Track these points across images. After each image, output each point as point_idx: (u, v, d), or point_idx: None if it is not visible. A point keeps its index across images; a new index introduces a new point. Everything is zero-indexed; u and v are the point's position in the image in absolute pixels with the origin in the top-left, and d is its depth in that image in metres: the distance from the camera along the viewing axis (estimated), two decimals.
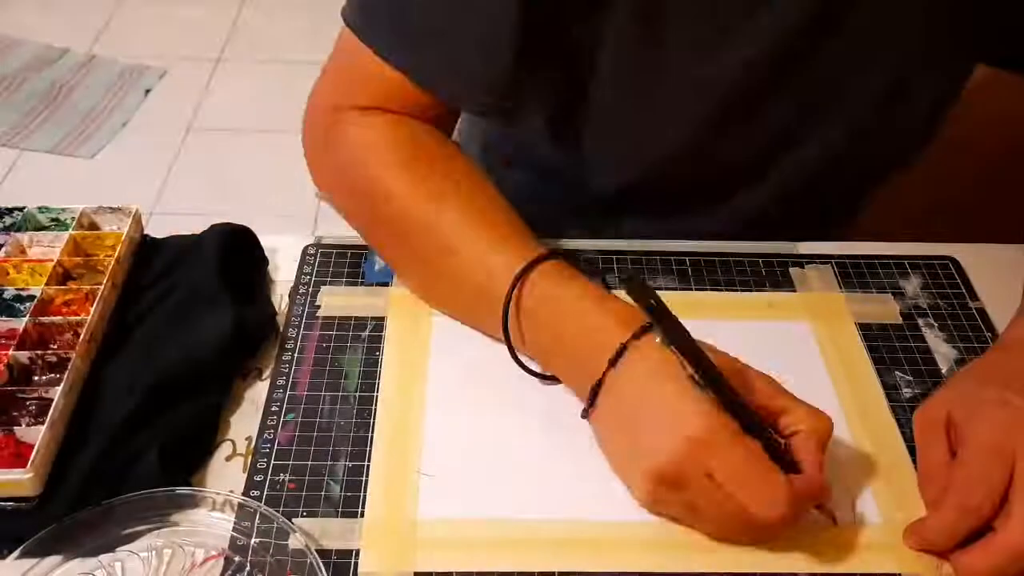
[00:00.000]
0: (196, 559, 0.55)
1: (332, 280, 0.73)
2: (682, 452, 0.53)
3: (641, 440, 0.55)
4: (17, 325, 0.63)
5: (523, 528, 0.57)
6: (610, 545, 0.57)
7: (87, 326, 0.63)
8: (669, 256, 0.76)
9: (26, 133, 2.24)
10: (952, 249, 0.78)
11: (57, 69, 2.45)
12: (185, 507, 0.57)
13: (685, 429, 0.53)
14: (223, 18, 2.69)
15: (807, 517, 0.56)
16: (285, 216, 2.00)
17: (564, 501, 0.59)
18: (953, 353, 0.70)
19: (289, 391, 0.65)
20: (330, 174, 0.73)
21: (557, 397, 0.64)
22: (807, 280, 0.75)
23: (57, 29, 2.59)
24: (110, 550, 0.55)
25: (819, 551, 0.57)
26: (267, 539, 0.55)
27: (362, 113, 0.70)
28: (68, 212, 0.73)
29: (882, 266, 0.76)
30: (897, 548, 0.57)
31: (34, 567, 0.54)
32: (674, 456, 0.53)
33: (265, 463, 0.60)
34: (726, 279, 0.75)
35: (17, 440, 0.57)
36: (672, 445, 0.53)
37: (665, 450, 0.53)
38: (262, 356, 0.67)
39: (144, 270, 0.71)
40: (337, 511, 0.58)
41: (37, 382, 0.62)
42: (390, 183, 0.68)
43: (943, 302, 0.74)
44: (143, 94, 2.40)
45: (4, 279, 0.68)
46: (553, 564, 0.56)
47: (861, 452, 0.62)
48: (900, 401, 0.66)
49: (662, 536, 0.57)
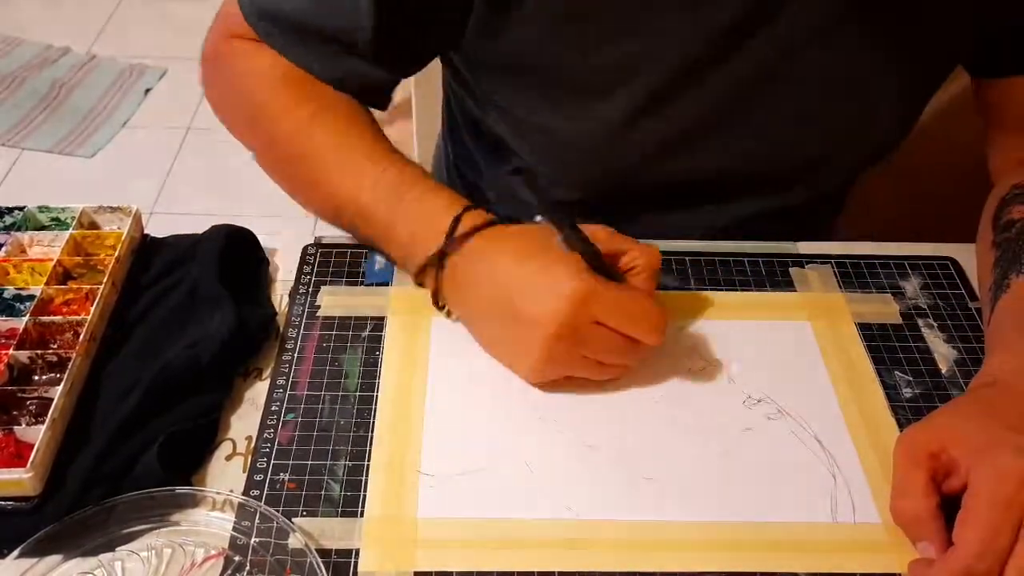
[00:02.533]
0: (196, 559, 0.55)
1: (332, 280, 0.73)
2: (571, 308, 0.59)
3: (528, 311, 0.61)
4: (17, 324, 0.63)
5: (523, 528, 0.57)
6: (610, 545, 0.57)
7: (87, 326, 0.63)
8: (669, 256, 0.76)
9: (26, 132, 2.24)
10: (952, 249, 0.78)
11: (57, 69, 2.45)
12: (185, 507, 0.57)
13: (567, 289, 0.59)
14: None
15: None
16: (285, 216, 1.99)
17: (564, 501, 0.59)
18: (953, 353, 0.70)
19: (289, 391, 0.65)
20: (224, 94, 0.79)
21: (557, 397, 0.65)
22: (807, 280, 0.75)
23: (57, 29, 2.59)
24: (110, 550, 0.55)
25: (819, 551, 0.57)
26: (267, 539, 0.55)
27: (252, 43, 0.74)
28: (68, 212, 0.73)
29: (882, 266, 0.76)
30: (897, 548, 0.57)
31: (34, 567, 0.54)
32: (565, 314, 0.59)
33: (265, 463, 0.60)
34: (726, 279, 0.75)
35: (17, 440, 0.57)
36: (561, 305, 0.59)
37: (555, 311, 0.60)
38: (262, 356, 0.67)
39: (144, 270, 0.71)
40: (337, 511, 0.58)
41: (37, 382, 0.62)
42: (271, 104, 0.73)
43: (943, 302, 0.74)
44: (143, 94, 2.40)
45: (4, 279, 0.68)
46: (553, 564, 0.56)
47: (861, 452, 0.62)
48: (900, 401, 0.66)
49: (662, 536, 0.57)
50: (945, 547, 0.54)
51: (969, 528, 0.53)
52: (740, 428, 0.63)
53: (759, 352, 0.69)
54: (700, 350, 0.69)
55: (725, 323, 0.71)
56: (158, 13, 2.69)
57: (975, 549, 0.51)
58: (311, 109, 0.72)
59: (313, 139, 0.71)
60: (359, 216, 0.69)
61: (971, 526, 0.53)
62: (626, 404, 0.65)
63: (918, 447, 0.57)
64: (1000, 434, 0.56)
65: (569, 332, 0.60)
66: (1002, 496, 0.52)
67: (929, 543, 0.55)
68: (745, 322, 0.71)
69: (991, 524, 0.52)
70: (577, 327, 0.60)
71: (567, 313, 0.59)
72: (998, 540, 0.51)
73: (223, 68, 0.77)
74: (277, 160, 0.75)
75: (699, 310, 0.72)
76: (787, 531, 0.58)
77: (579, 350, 0.61)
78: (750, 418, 0.64)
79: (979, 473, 0.54)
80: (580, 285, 0.59)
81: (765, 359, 0.68)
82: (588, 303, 0.59)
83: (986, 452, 0.55)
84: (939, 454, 0.56)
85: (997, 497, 0.53)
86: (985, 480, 0.53)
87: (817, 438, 0.63)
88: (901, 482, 0.57)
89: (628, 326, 0.61)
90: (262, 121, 0.74)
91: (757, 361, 0.68)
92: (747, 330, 0.71)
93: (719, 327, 0.71)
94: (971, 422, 0.58)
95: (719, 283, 0.75)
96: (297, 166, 0.73)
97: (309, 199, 0.74)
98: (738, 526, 0.58)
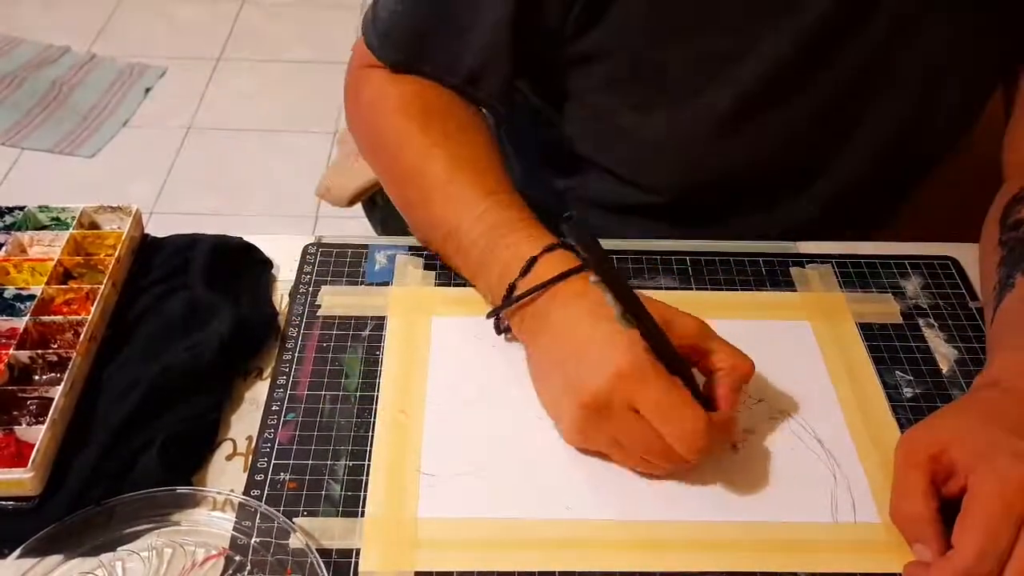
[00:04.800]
0: (197, 558, 0.55)
1: (332, 280, 0.73)
2: (609, 385, 0.56)
3: (572, 374, 0.59)
4: (18, 324, 0.63)
5: (523, 528, 0.57)
6: (610, 545, 0.57)
7: (87, 325, 0.63)
8: (669, 256, 0.76)
9: (26, 132, 2.24)
10: (952, 249, 0.78)
11: (57, 68, 2.45)
12: (186, 506, 0.57)
13: (613, 365, 0.56)
14: (223, 18, 2.69)
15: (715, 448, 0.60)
16: (285, 216, 2.00)
17: (564, 501, 0.59)
18: (953, 353, 0.70)
19: (289, 391, 0.65)
20: (353, 121, 0.82)
21: None
22: (807, 280, 0.75)
23: (57, 28, 2.59)
24: (110, 549, 0.55)
25: (819, 551, 0.57)
26: (267, 538, 0.55)
27: (382, 70, 0.78)
28: (68, 211, 0.73)
29: (882, 266, 0.76)
30: (897, 548, 0.57)
31: (34, 567, 0.54)
32: (602, 389, 0.56)
33: (265, 462, 0.60)
34: (726, 279, 0.75)
35: (17, 439, 0.57)
36: (601, 379, 0.56)
37: (594, 383, 0.57)
38: (262, 356, 0.67)
39: (144, 269, 0.71)
40: (337, 510, 0.58)
41: (38, 381, 0.62)
42: (390, 132, 0.75)
43: (943, 302, 0.74)
44: (143, 93, 2.40)
45: (4, 278, 0.68)
46: (553, 564, 0.56)
47: (861, 452, 0.62)
48: (900, 401, 0.66)
49: (662, 536, 0.57)
50: (943, 550, 0.54)
51: (968, 532, 0.52)
52: (740, 428, 0.63)
53: (759, 352, 0.68)
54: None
55: (725, 323, 0.71)
56: (158, 13, 2.69)
57: (974, 552, 0.51)
58: (430, 139, 0.73)
59: (426, 172, 0.72)
60: (458, 254, 0.70)
61: (970, 530, 0.52)
62: None
63: (918, 449, 0.57)
64: (1000, 437, 0.56)
65: (600, 406, 0.57)
66: (1001, 500, 0.52)
67: (926, 545, 0.55)
68: (745, 322, 0.71)
69: (990, 528, 0.52)
70: (610, 404, 0.57)
71: (602, 387, 0.56)
72: (997, 544, 0.51)
73: (352, 97, 0.81)
74: (394, 184, 0.77)
75: (699, 310, 0.72)
76: (787, 531, 0.58)
77: (609, 429, 0.58)
78: (750, 418, 0.64)
79: (978, 477, 0.54)
80: (626, 362, 0.56)
81: (765, 359, 0.68)
82: (628, 383, 0.56)
83: (986, 455, 0.55)
84: (939, 456, 0.56)
85: (996, 501, 0.52)
86: (984, 484, 0.53)
87: (817, 438, 0.63)
88: (901, 484, 0.57)
89: (661, 423, 0.56)
90: (382, 149, 0.77)
91: (757, 361, 0.68)
92: (747, 330, 0.70)
93: (719, 327, 0.70)
94: (972, 424, 0.58)
95: (719, 283, 0.75)
96: (409, 193, 0.74)
97: (417, 226, 0.75)
98: (738, 526, 0.58)
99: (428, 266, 0.75)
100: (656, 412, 0.56)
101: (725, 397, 0.60)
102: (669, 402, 0.56)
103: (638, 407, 0.56)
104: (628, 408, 0.56)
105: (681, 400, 0.56)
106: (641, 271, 0.75)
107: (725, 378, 0.60)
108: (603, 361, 0.57)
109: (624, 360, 0.56)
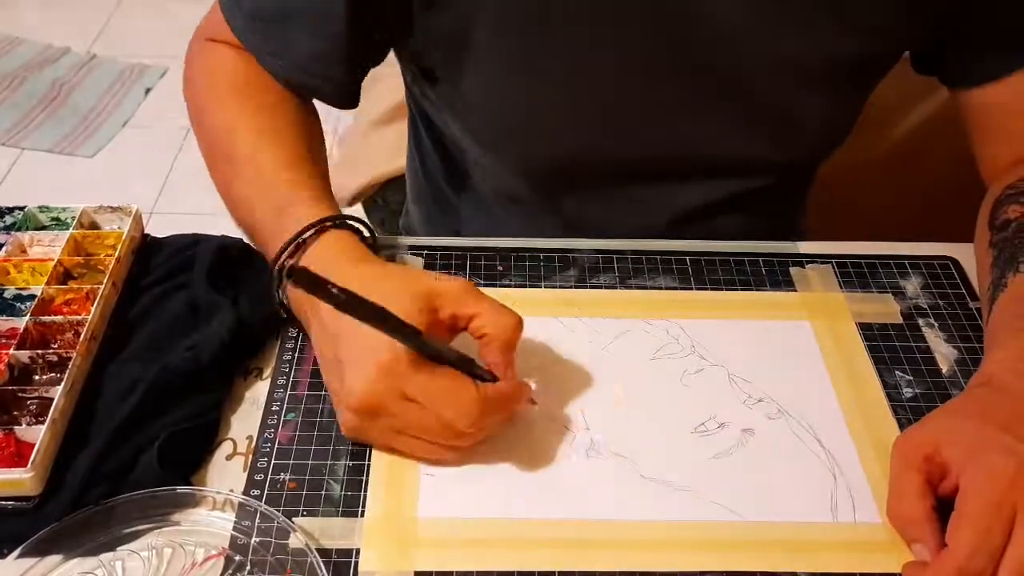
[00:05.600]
0: (196, 558, 0.55)
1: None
2: (374, 385, 0.56)
3: (339, 376, 0.59)
4: (18, 324, 0.63)
5: (523, 528, 0.57)
6: (610, 545, 0.57)
7: (88, 325, 0.63)
8: (669, 256, 0.76)
9: (27, 132, 2.24)
10: (952, 249, 0.78)
11: (58, 68, 2.45)
12: (185, 506, 0.57)
13: (373, 364, 0.56)
14: None
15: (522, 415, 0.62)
16: None
17: (563, 501, 0.59)
18: (953, 353, 0.70)
19: (289, 390, 0.65)
20: (186, 93, 0.80)
21: (557, 397, 0.65)
22: (807, 280, 0.75)
23: (58, 28, 2.59)
24: (110, 549, 0.55)
25: (819, 551, 0.57)
26: (267, 538, 0.55)
27: (223, 46, 0.77)
28: (68, 211, 0.73)
29: (882, 266, 0.76)
30: (897, 548, 0.57)
31: (34, 567, 0.54)
32: (367, 391, 0.57)
33: (265, 462, 0.60)
34: (726, 279, 0.75)
35: (17, 439, 0.57)
36: (366, 381, 0.57)
37: (359, 386, 0.57)
38: (262, 356, 0.67)
39: (145, 269, 0.71)
40: (337, 510, 0.58)
41: (38, 381, 0.62)
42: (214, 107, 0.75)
43: (943, 302, 0.74)
44: (143, 93, 2.40)
45: (5, 278, 0.68)
46: (553, 564, 0.56)
47: (861, 452, 0.62)
48: (900, 401, 0.66)
49: (662, 536, 0.57)
50: (940, 549, 0.54)
51: (961, 529, 0.53)
52: (740, 428, 0.63)
53: (759, 352, 0.69)
54: (700, 350, 0.69)
55: (725, 323, 0.71)
56: (158, 13, 2.69)
57: (967, 550, 0.52)
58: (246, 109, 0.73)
59: (236, 143, 0.71)
60: (255, 233, 0.70)
61: (963, 527, 0.53)
62: (626, 404, 0.65)
63: (913, 450, 0.57)
64: (991, 434, 0.56)
65: (372, 407, 0.57)
66: (993, 496, 0.53)
67: (924, 545, 0.55)
68: (745, 322, 0.71)
69: (982, 524, 0.52)
70: (381, 402, 0.57)
71: (367, 388, 0.57)
72: (990, 540, 0.52)
73: (188, 68, 0.80)
74: (207, 156, 0.76)
75: (699, 310, 0.72)
76: (787, 531, 0.58)
77: (386, 423, 0.58)
78: (750, 418, 0.64)
79: (970, 474, 0.54)
80: (386, 357, 0.56)
81: (765, 359, 0.68)
82: (393, 377, 0.56)
83: (977, 452, 0.55)
84: (933, 456, 0.56)
85: (988, 497, 0.53)
86: (976, 481, 0.54)
87: (817, 438, 0.63)
88: (896, 485, 0.58)
89: (433, 405, 0.57)
90: (203, 117, 0.76)
91: (757, 361, 0.68)
92: (747, 330, 0.71)
93: (719, 327, 0.71)
94: (965, 423, 0.58)
95: (719, 283, 0.75)
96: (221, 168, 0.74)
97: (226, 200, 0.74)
98: (738, 526, 0.58)
99: (428, 266, 0.75)
100: (426, 396, 0.56)
101: (496, 365, 0.60)
102: (437, 385, 0.57)
103: (409, 395, 0.57)
104: (401, 399, 0.57)
105: (448, 379, 0.57)
106: (641, 271, 0.75)
107: (491, 343, 0.60)
108: (364, 361, 0.57)
109: (384, 356, 0.56)
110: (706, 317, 0.71)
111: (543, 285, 0.74)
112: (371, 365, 0.56)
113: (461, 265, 0.75)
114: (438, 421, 0.57)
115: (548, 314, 0.71)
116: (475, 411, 0.57)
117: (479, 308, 0.60)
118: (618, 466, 0.61)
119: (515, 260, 0.76)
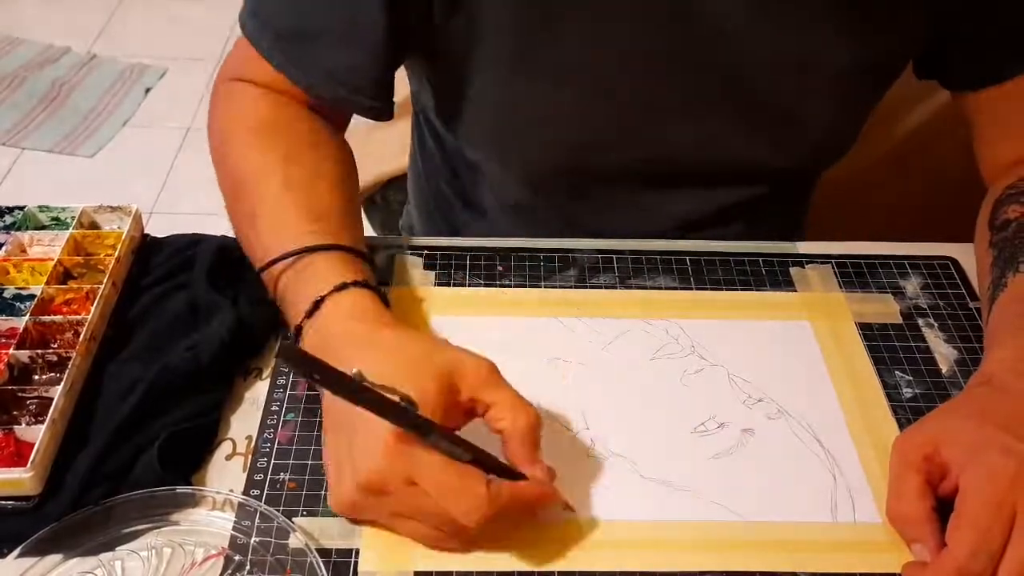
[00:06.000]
0: (196, 558, 0.55)
1: None
2: (381, 464, 0.52)
3: (347, 448, 0.54)
4: (17, 324, 0.63)
5: (522, 528, 0.57)
6: (610, 545, 0.57)
7: (87, 325, 0.63)
8: (669, 256, 0.76)
9: (27, 132, 2.24)
10: (952, 249, 0.78)
11: (58, 68, 2.45)
12: (185, 506, 0.57)
13: (382, 441, 0.52)
14: (223, 18, 2.68)
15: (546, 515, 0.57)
16: None
17: (563, 500, 0.59)
18: (953, 353, 0.70)
19: (289, 390, 0.65)
20: (209, 134, 0.77)
21: (554, 400, 0.65)
22: (807, 280, 0.75)
23: (58, 28, 2.59)
24: (110, 549, 0.55)
25: (819, 551, 0.57)
26: (267, 538, 0.55)
27: (249, 86, 0.75)
28: (68, 211, 0.73)
29: (882, 266, 0.76)
30: (897, 548, 0.57)
31: (34, 566, 0.54)
32: (375, 468, 0.52)
33: (265, 462, 0.60)
34: (726, 279, 0.75)
35: (17, 439, 0.57)
36: (373, 458, 0.52)
37: (367, 463, 0.53)
38: (262, 356, 0.67)
39: (145, 269, 0.71)
40: None
41: (37, 381, 0.61)
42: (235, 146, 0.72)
43: (943, 302, 0.74)
44: (143, 93, 2.40)
45: (4, 278, 0.68)
46: (553, 564, 0.56)
47: (861, 452, 0.62)
48: (900, 401, 0.66)
49: (662, 536, 0.57)
50: (939, 549, 0.54)
51: (961, 529, 0.53)
52: (740, 428, 0.64)
53: (759, 352, 0.69)
54: (700, 350, 0.69)
55: (726, 323, 0.71)
56: (158, 13, 2.69)
57: (967, 550, 0.52)
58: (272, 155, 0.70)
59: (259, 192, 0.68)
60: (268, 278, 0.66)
61: (963, 527, 0.53)
62: (626, 404, 0.65)
63: (912, 450, 0.57)
64: (990, 434, 0.56)
65: (379, 486, 0.53)
66: (992, 496, 0.53)
67: (923, 545, 0.55)
68: (745, 322, 0.71)
69: (982, 524, 0.52)
70: (387, 482, 0.52)
71: (373, 466, 0.52)
72: (990, 540, 0.52)
73: (212, 109, 0.77)
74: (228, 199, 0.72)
75: (699, 310, 0.72)
76: (787, 531, 0.58)
77: (388, 505, 0.54)
78: (750, 418, 0.64)
79: (969, 474, 0.54)
80: (394, 435, 0.52)
81: (765, 359, 0.68)
82: (401, 458, 0.52)
83: (976, 452, 0.55)
84: (932, 456, 0.56)
85: (988, 497, 0.53)
86: (975, 480, 0.54)
87: (817, 438, 0.63)
88: (896, 485, 0.57)
89: (439, 496, 0.52)
90: (226, 160, 0.72)
91: (757, 361, 0.68)
92: (747, 330, 0.71)
93: (720, 327, 0.71)
94: (964, 422, 0.58)
95: (719, 283, 0.75)
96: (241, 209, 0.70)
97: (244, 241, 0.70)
98: (738, 526, 0.58)
99: (428, 266, 0.75)
100: (433, 486, 0.52)
101: (517, 460, 0.55)
102: (447, 474, 0.52)
103: (415, 481, 0.52)
104: (406, 483, 0.52)
105: (456, 472, 0.52)
106: (641, 271, 0.75)
107: (508, 440, 0.56)
108: (377, 434, 0.52)
109: (392, 433, 0.52)
110: (706, 317, 0.71)
111: (543, 285, 0.74)
112: (382, 441, 0.52)
113: (461, 265, 0.75)
114: (443, 514, 0.52)
115: (548, 314, 0.71)
116: (483, 509, 0.52)
117: (497, 398, 0.56)
118: (618, 466, 0.61)
119: (515, 260, 0.76)
